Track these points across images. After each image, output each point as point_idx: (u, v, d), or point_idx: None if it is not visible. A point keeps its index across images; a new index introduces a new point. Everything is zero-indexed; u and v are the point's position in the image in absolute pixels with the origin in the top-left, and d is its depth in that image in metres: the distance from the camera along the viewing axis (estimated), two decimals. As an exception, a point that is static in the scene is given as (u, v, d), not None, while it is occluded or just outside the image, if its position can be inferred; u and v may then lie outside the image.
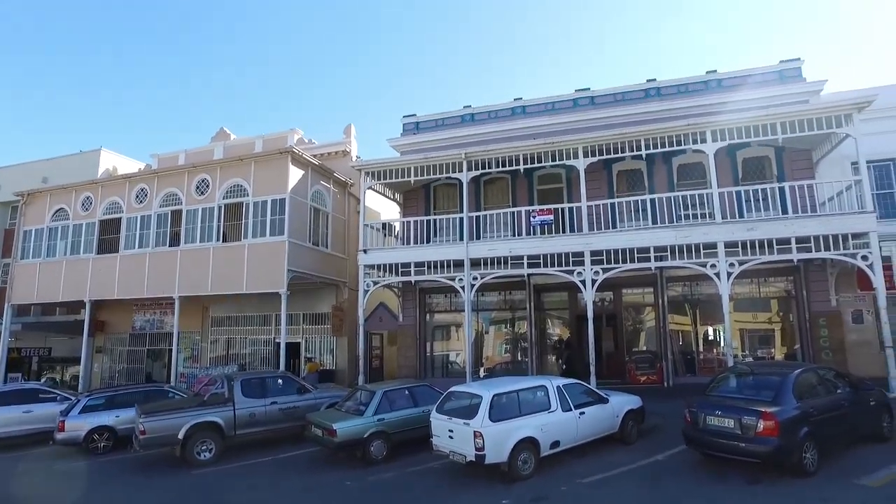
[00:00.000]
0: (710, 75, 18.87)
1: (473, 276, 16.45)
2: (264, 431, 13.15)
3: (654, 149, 15.60)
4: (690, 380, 17.34)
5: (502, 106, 20.92)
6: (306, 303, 22.13)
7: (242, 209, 19.27)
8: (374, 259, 17.79)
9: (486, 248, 16.50)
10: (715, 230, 14.56)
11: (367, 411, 11.57)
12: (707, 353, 18.03)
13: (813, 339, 16.32)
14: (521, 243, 16.16)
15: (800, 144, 16.72)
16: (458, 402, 10.25)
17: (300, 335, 22.26)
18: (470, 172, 17.22)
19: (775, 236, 14.09)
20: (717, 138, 15.10)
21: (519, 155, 16.72)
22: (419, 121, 21.90)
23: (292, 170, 18.96)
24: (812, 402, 8.72)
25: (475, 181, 20.31)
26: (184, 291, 19.64)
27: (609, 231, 15.65)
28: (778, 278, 17.44)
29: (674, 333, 18.21)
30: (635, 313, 19.58)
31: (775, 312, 17.69)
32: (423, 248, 17.42)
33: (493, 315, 20.47)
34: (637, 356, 18.43)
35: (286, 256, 18.18)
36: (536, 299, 19.57)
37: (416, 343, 20.23)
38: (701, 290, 18.04)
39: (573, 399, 10.42)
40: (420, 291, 20.49)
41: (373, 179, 18.43)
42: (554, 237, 15.97)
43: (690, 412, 9.28)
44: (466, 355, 16.42)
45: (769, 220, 14.35)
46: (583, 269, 15.33)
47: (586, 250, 15.40)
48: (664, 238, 14.93)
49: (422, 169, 17.75)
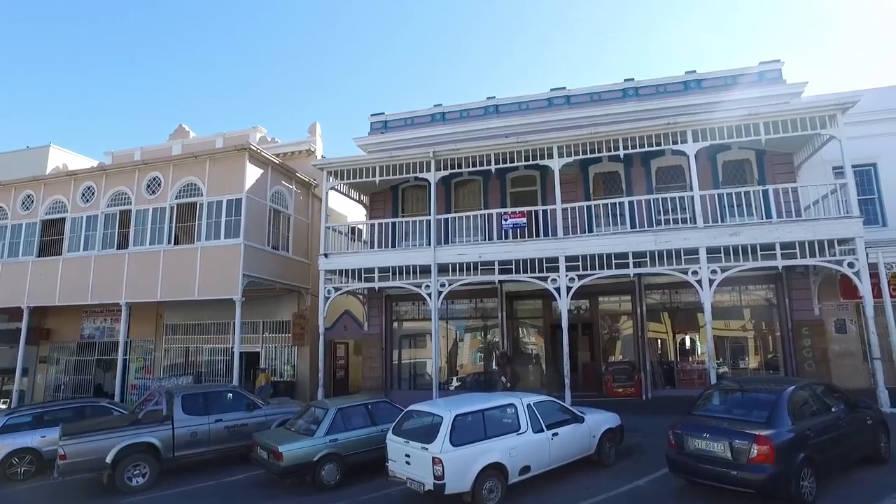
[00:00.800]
0: (690, 76, 18.20)
1: (441, 283, 15.42)
2: (208, 452, 11.91)
3: (632, 149, 14.78)
4: (670, 392, 16.52)
5: (474, 105, 20.00)
6: (266, 310, 20.86)
7: (196, 210, 17.98)
8: (335, 264, 16.66)
9: (454, 253, 15.48)
10: (696, 235, 13.76)
11: (319, 431, 10.42)
12: (686, 363, 17.24)
13: (796, 348, 15.61)
14: (492, 248, 15.18)
15: (781, 147, 16.08)
16: (417, 422, 9.18)
17: (259, 344, 20.95)
18: (438, 172, 16.22)
19: (759, 241, 13.34)
20: (699, 138, 14.34)
21: (490, 154, 15.77)
22: (387, 119, 20.87)
23: (250, 168, 17.75)
24: (808, 422, 7.84)
25: (445, 183, 19.38)
26: (132, 297, 18.25)
27: (585, 235, 14.75)
28: (759, 286, 16.74)
29: (652, 343, 17.39)
30: (612, 322, 18.73)
31: (756, 321, 16.97)
32: (388, 253, 16.34)
33: (465, 324, 19.42)
34: (614, 367, 17.55)
35: (241, 260, 16.94)
36: (509, 307, 18.61)
37: (381, 353, 19.10)
38: (681, 299, 17.27)
39: (545, 418, 9.42)
40: (386, 299, 19.40)
41: (336, 179, 17.33)
42: (527, 242, 15.03)
43: (675, 434, 8.34)
44: (434, 367, 15.35)
45: (753, 225, 13.59)
46: (557, 275, 14.40)
47: (561, 255, 14.49)
48: (643, 243, 14.09)
49: (388, 168, 16.69)
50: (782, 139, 14.55)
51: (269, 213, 18.83)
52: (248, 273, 17.15)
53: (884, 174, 16.55)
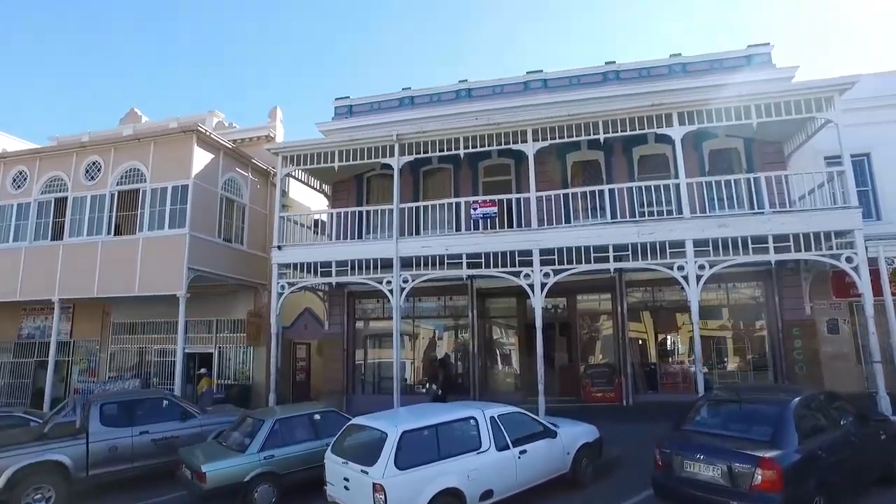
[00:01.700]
0: (674, 59, 17.04)
1: (404, 278, 14.03)
2: (131, 469, 10.38)
3: (613, 132, 13.54)
4: (652, 397, 15.36)
5: (445, 88, 18.66)
6: (220, 308, 19.31)
7: (139, 197, 16.36)
8: (290, 257, 15.19)
9: (418, 246, 14.11)
10: (682, 226, 12.57)
11: (252, 446, 9.00)
12: (670, 365, 16.08)
13: (786, 350, 14.53)
14: (460, 240, 13.84)
15: (771, 135, 15.00)
16: (359, 438, 7.80)
17: (213, 345, 19.38)
18: (403, 157, 14.84)
19: (750, 234, 12.17)
20: (685, 121, 13.14)
21: (459, 137, 14.42)
22: (353, 104, 19.43)
23: (198, 152, 16.19)
24: (818, 440, 6.62)
25: (413, 172, 18.05)
26: (66, 294, 16.58)
27: (562, 226, 13.47)
28: (747, 284, 15.63)
29: (634, 344, 16.20)
30: (591, 322, 17.54)
31: (744, 321, 15.86)
32: (348, 245, 14.91)
33: (432, 323, 18.06)
34: (593, 370, 16.35)
35: (186, 253, 15.39)
36: (481, 306, 17.30)
37: (343, 355, 17.68)
38: (664, 297, 16.13)
39: (511, 433, 8.10)
40: (349, 296, 17.97)
41: (292, 165, 15.85)
42: (498, 233, 13.72)
43: (662, 454, 7.07)
44: (395, 370, 13.97)
45: (744, 216, 12.44)
46: (531, 270, 13.11)
47: (535, 249, 13.20)
48: (625, 235, 12.86)
49: (348, 153, 15.26)
50: (774, 125, 13.47)
51: (221, 203, 17.27)
52: (194, 267, 15.60)
53: (878, 165, 15.55)
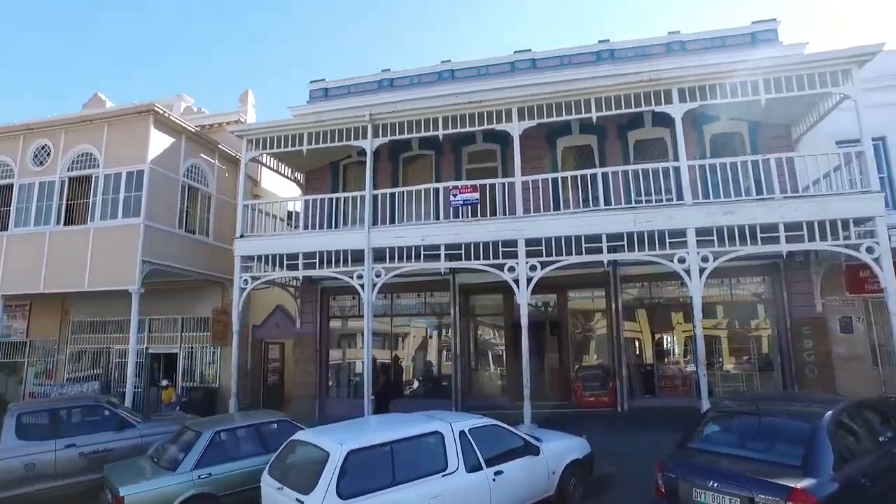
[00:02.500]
0: (673, 37, 15.81)
1: (376, 272, 12.73)
2: (53, 489, 9.07)
3: (606, 110, 12.25)
4: (649, 402, 14.10)
5: (427, 70, 17.35)
6: (186, 305, 17.96)
7: (91, 184, 14.99)
8: (254, 248, 13.86)
9: (392, 236, 12.81)
10: (684, 213, 11.31)
11: (184, 463, 7.69)
12: (668, 367, 14.82)
13: (794, 351, 13.29)
14: (438, 229, 12.53)
15: (778, 117, 13.77)
16: (300, 457, 6.50)
17: (177, 344, 18.02)
18: (377, 139, 13.53)
19: (759, 221, 10.93)
20: (686, 98, 11.89)
21: (438, 117, 13.11)
22: (328, 87, 18.11)
23: (156, 135, 14.83)
24: (859, 463, 5.36)
25: (392, 160, 16.77)
26: (10, 289, 15.19)
27: (549, 214, 12.19)
28: (752, 278, 14.40)
29: (629, 344, 14.93)
30: (584, 320, 16.27)
31: (748, 319, 14.62)
32: (316, 236, 13.59)
33: (412, 322, 16.75)
34: (585, 372, 15.09)
35: (140, 244, 14.04)
36: (464, 303, 16.01)
37: (315, 355, 16.35)
38: (662, 294, 14.90)
39: (485, 450, 6.81)
40: (322, 292, 16.65)
41: (257, 148, 14.51)
42: (480, 221, 12.43)
43: (665, 478, 5.80)
44: (365, 373, 12.66)
45: (752, 202, 11.17)
46: (515, 262, 11.82)
47: (520, 238, 11.92)
48: (620, 223, 11.59)
49: (317, 135, 13.95)
50: (782, 105, 12.30)
51: (183, 191, 15.92)
52: (149, 259, 14.25)
53: (895, 150, 14.33)
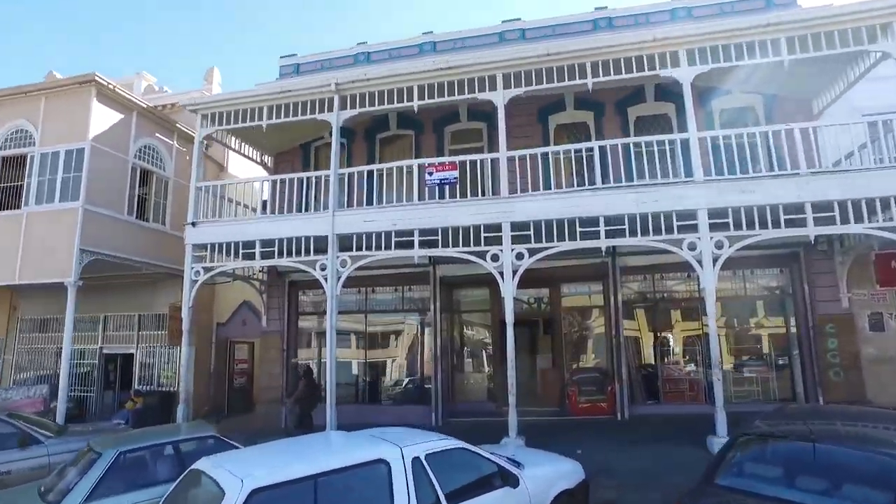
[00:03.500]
0: (678, 1, 14.22)
1: (342, 261, 11.14)
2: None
3: (604, 76, 10.69)
4: (653, 409, 12.57)
5: (406, 42, 15.77)
6: (143, 300, 16.36)
7: (26, 164, 13.38)
8: (208, 235, 12.26)
9: (359, 220, 11.22)
10: (694, 193, 9.75)
11: (73, 494, 6.09)
12: (674, 370, 13.25)
13: (817, 351, 11.74)
14: (411, 213, 10.95)
15: (798, 88, 12.22)
16: (199, 493, 4.91)
17: (134, 344, 16.41)
18: (345, 112, 11.94)
19: (783, 201, 9.36)
20: (696, 61, 10.32)
21: (413, 86, 11.52)
22: (300, 62, 16.50)
23: (100, 110, 13.22)
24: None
25: (369, 140, 15.21)
26: (-66, 282, 13.60)
27: (539, 194, 10.59)
28: (768, 270, 12.85)
29: (630, 344, 13.36)
30: (580, 318, 14.72)
31: (764, 316, 13.09)
32: (275, 221, 12.00)
33: (389, 319, 15.14)
34: (580, 376, 13.54)
35: (79, 230, 12.44)
36: (446, 298, 14.42)
37: (282, 356, 14.76)
38: (668, 288, 13.37)
39: (447, 482, 5.21)
40: (290, 286, 15.05)
41: (214, 125, 12.91)
42: (459, 203, 10.84)
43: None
44: (328, 378, 11.08)
45: (774, 178, 9.58)
46: (500, 249, 10.24)
47: (505, 222, 10.34)
48: (620, 204, 10.02)
49: (278, 108, 12.35)
50: (805, 72, 10.75)
51: (135, 173, 14.32)
52: (91, 248, 12.66)
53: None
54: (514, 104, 13.32)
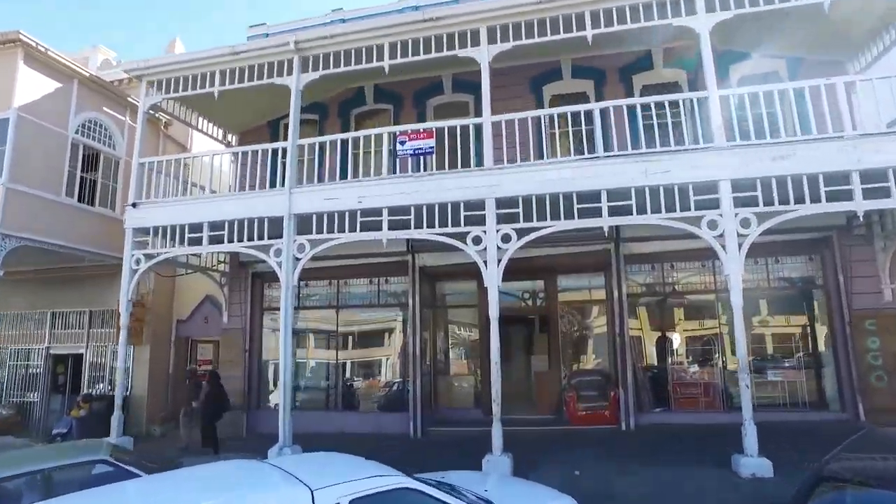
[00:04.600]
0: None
1: (299, 245, 9.51)
2: None
3: (606, 27, 9.02)
4: (662, 417, 10.92)
5: (385, 7, 14.07)
6: (94, 295, 14.68)
7: (-51, 139, 11.77)
8: (150, 218, 10.65)
9: (320, 198, 9.59)
10: (715, 160, 8.12)
11: None
12: (687, 373, 11.58)
13: (856, 352, 10.06)
14: (380, 187, 9.31)
15: (829, 49, 10.59)
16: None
17: (84, 343, 14.78)
18: (306, 75, 10.33)
19: (824, 169, 7.71)
20: (715, 6, 8.67)
21: (384, 43, 9.88)
22: (269, 31, 14.81)
23: (29, 76, 11.59)
24: None
25: (343, 116, 13.64)
26: None
27: (528, 164, 8.95)
28: (796, 258, 11.20)
29: (636, 343, 11.71)
30: (579, 314, 13.12)
31: (791, 311, 11.45)
32: (226, 200, 10.39)
33: (364, 316, 13.49)
34: (579, 379, 11.94)
35: (0, 212, 10.85)
36: (428, 291, 12.80)
37: (244, 357, 13.13)
38: (680, 278, 11.71)
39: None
40: (254, 278, 13.43)
41: (159, 92, 11.30)
42: (435, 176, 9.20)
43: None
44: (282, 382, 9.43)
45: (813, 142, 7.93)
46: (483, 230, 8.60)
47: (489, 198, 8.70)
48: (626, 175, 8.39)
49: (231, 73, 10.73)
50: (841, 24, 9.11)
51: (76, 151, 12.68)
52: (14, 233, 11.01)
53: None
54: (503, 73, 11.83)
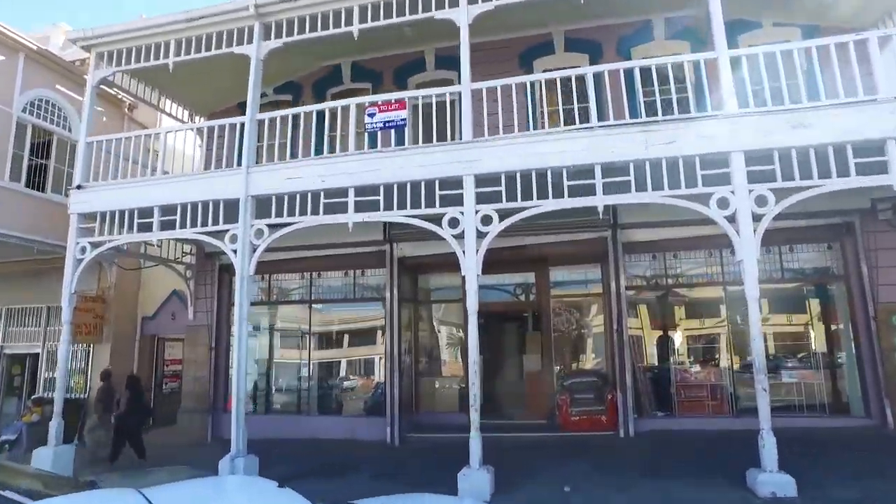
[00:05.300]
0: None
1: (257, 230, 8.45)
2: None
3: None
4: (665, 423, 9.88)
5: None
6: (51, 290, 13.47)
7: None
8: (96, 202, 9.59)
9: (280, 177, 8.53)
10: (726, 128, 7.05)
11: None
12: (691, 375, 10.51)
13: (883, 350, 8.99)
14: (344, 165, 8.24)
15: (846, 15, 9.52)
16: None
17: (40, 341, 13.73)
18: (268, 42, 9.27)
19: (852, 138, 6.66)
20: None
21: (353, 6, 8.80)
22: (242, 5, 13.81)
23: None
24: None
25: (319, 96, 12.74)
26: None
27: (511, 137, 7.88)
28: (812, 246, 10.12)
29: (636, 341, 10.64)
30: (574, 309, 12.06)
31: (807, 304, 10.39)
32: (179, 181, 9.33)
33: (339, 312, 12.44)
34: (573, 381, 10.87)
35: (-72, 198, 9.82)
36: (408, 284, 11.76)
37: (210, 356, 12.08)
38: (683, 269, 10.64)
39: None
40: (221, 271, 12.36)
41: (110, 65, 10.24)
42: (407, 151, 8.12)
43: None
44: (235, 385, 8.36)
45: (841, 107, 6.86)
46: (460, 210, 7.54)
47: (467, 175, 7.64)
48: (623, 147, 7.33)
49: (187, 42, 9.66)
50: None
51: (23, 131, 11.65)
52: (-51, 221, 10.01)
53: None
54: (490, 47, 10.89)
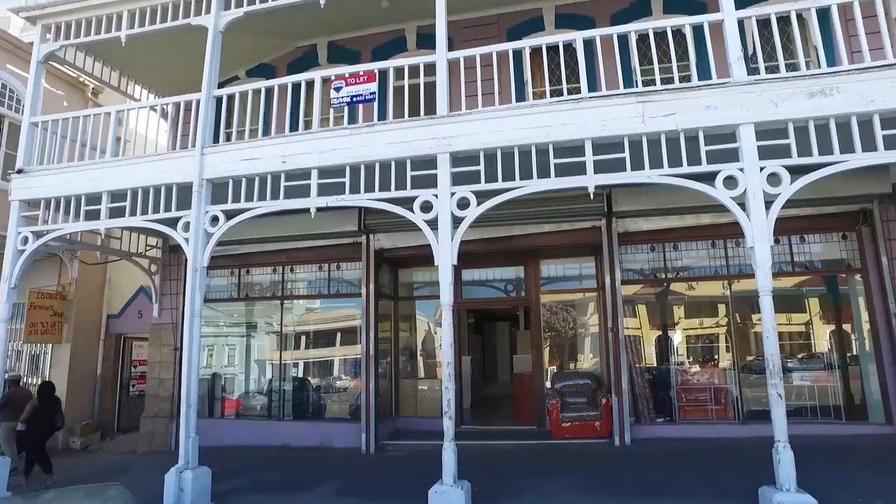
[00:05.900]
0: None
1: (212, 217, 7.60)
2: None
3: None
4: (665, 430, 9.03)
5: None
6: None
7: None
8: (40, 188, 8.74)
9: (236, 158, 7.66)
10: (733, 99, 6.18)
11: None
12: (693, 377, 9.65)
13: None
14: (309, 143, 7.39)
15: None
16: None
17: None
18: (227, 13, 8.38)
19: (878, 107, 5.80)
20: None
21: (323, -32, 7.98)
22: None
23: None
24: None
25: (296, 77, 11.65)
26: None
27: (491, 110, 7.02)
28: (824, 236, 9.26)
29: (633, 341, 9.77)
30: (566, 306, 11.24)
31: (820, 300, 9.54)
32: (129, 165, 8.48)
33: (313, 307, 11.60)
34: (564, 384, 10.03)
35: None
36: (386, 278, 10.94)
37: (175, 357, 11.21)
38: (684, 262, 9.78)
39: None
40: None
41: (58, 38, 9.39)
42: (375, 128, 7.24)
43: None
44: (185, 380, 7.48)
45: (865, 71, 5.99)
46: (434, 193, 6.67)
47: (442, 153, 6.77)
48: (617, 120, 6.48)
49: (141, 13, 8.79)
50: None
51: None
52: None
53: None
54: (476, 24, 10.13)
